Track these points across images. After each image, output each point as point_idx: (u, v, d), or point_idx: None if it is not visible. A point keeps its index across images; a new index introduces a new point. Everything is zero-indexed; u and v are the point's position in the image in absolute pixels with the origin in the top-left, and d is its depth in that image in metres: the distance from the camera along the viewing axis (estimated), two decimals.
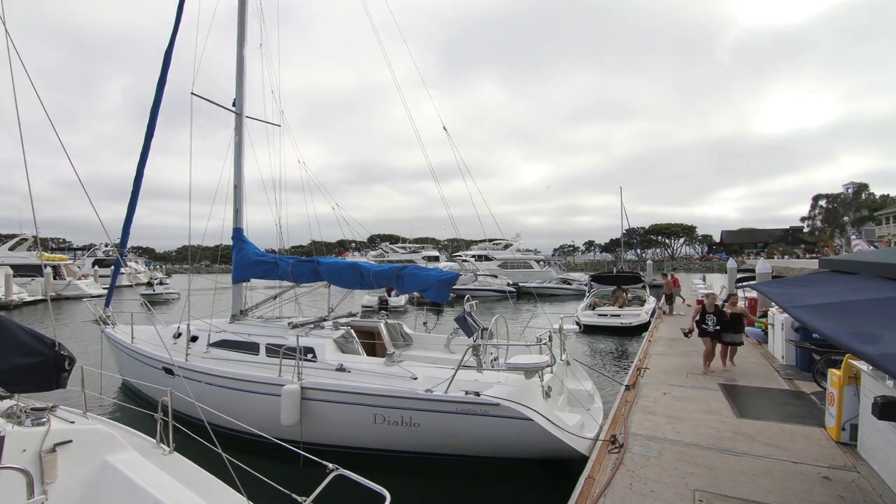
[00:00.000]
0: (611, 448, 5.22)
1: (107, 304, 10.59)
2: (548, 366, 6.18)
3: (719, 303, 9.19)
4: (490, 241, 47.14)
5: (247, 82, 9.41)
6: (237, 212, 9.24)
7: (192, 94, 8.62)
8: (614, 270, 36.32)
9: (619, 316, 17.13)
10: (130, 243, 10.45)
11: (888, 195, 62.83)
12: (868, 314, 2.78)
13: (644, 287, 21.11)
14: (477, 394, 5.49)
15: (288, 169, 10.46)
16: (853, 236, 17.07)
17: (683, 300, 20.22)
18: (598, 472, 4.72)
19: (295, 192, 10.27)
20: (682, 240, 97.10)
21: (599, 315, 17.36)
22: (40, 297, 29.62)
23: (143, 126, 9.13)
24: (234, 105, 9.36)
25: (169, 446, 3.98)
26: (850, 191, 66.90)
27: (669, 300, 18.38)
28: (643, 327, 15.90)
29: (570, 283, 34.50)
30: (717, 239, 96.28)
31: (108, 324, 10.10)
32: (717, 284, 25.96)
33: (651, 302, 19.37)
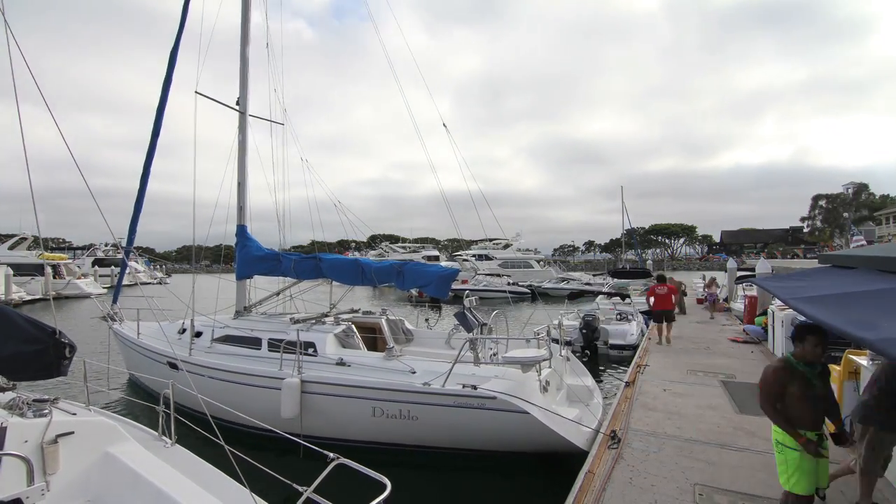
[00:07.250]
0: (611, 443, 5.22)
1: (114, 301, 10.66)
2: (545, 360, 6.19)
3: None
4: (490, 240, 47.15)
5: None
6: (241, 209, 9.27)
7: (196, 92, 8.65)
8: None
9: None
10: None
11: (888, 195, 62.95)
12: (867, 304, 2.80)
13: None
14: (474, 387, 5.52)
15: (289, 168, 10.47)
16: (853, 235, 17.09)
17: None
18: (598, 466, 4.72)
19: (296, 189, 10.29)
20: (682, 240, 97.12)
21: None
22: (39, 297, 29.62)
23: None
24: (237, 104, 9.39)
25: (171, 438, 3.98)
26: (849, 191, 67.00)
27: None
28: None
29: (568, 282, 34.38)
30: (716, 239, 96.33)
31: (115, 320, 10.16)
32: None
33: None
